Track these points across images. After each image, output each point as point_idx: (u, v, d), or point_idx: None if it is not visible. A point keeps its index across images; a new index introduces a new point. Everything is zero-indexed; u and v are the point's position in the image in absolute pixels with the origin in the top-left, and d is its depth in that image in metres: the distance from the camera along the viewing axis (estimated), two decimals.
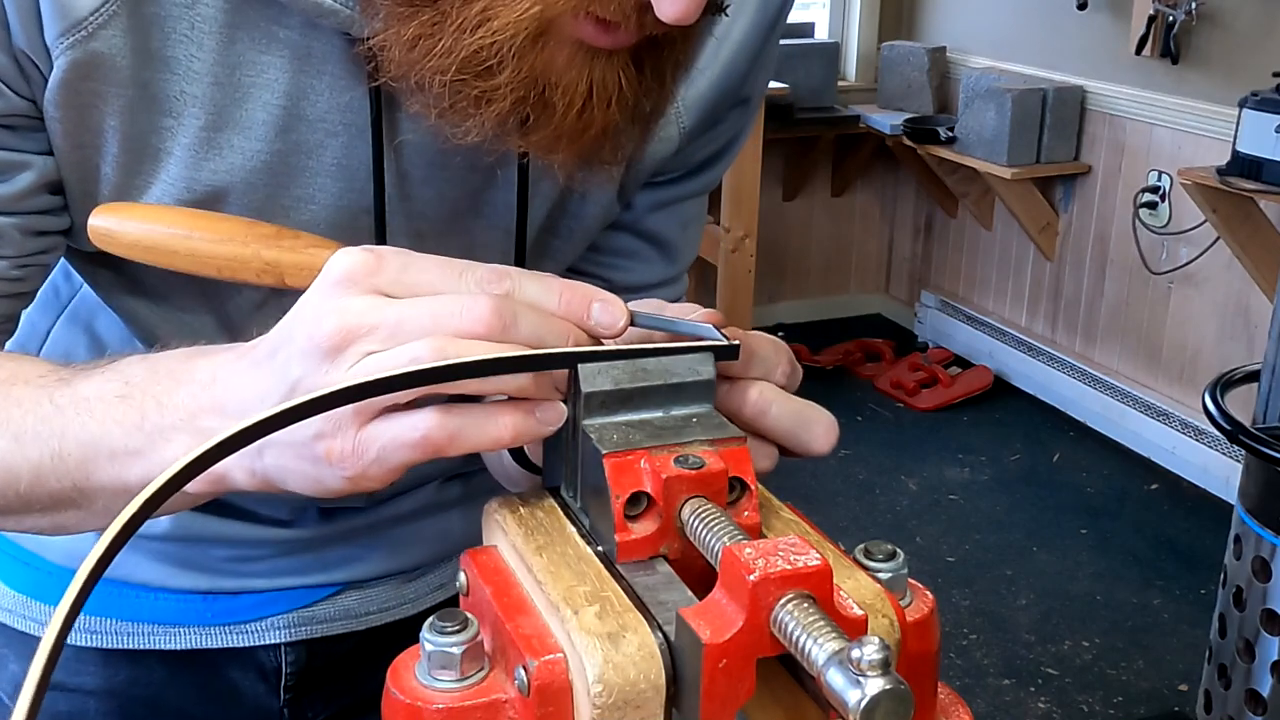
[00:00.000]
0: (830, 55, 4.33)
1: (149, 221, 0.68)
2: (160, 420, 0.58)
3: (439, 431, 0.51)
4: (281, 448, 0.53)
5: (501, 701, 0.44)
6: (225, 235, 0.67)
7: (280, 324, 0.54)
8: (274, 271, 0.66)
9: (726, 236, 3.45)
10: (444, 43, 0.59)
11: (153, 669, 0.91)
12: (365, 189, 0.71)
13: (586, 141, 0.63)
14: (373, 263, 0.52)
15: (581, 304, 0.53)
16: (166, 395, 0.58)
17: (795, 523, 0.52)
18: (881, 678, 0.35)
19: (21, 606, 0.91)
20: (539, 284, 0.53)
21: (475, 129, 0.62)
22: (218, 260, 0.67)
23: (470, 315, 0.50)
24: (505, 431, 0.51)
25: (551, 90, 0.60)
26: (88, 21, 0.63)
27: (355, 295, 0.51)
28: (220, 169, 0.68)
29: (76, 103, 0.66)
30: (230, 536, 0.88)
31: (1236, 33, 3.33)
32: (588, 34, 0.59)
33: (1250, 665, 0.82)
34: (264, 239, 0.67)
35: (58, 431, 0.61)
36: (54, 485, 0.62)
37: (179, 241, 0.67)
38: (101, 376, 0.61)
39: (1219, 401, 0.86)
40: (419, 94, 0.62)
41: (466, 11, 0.58)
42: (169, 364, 0.59)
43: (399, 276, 0.52)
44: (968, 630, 2.88)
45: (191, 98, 0.67)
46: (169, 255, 0.67)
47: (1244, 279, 3.34)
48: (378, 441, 0.51)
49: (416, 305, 0.51)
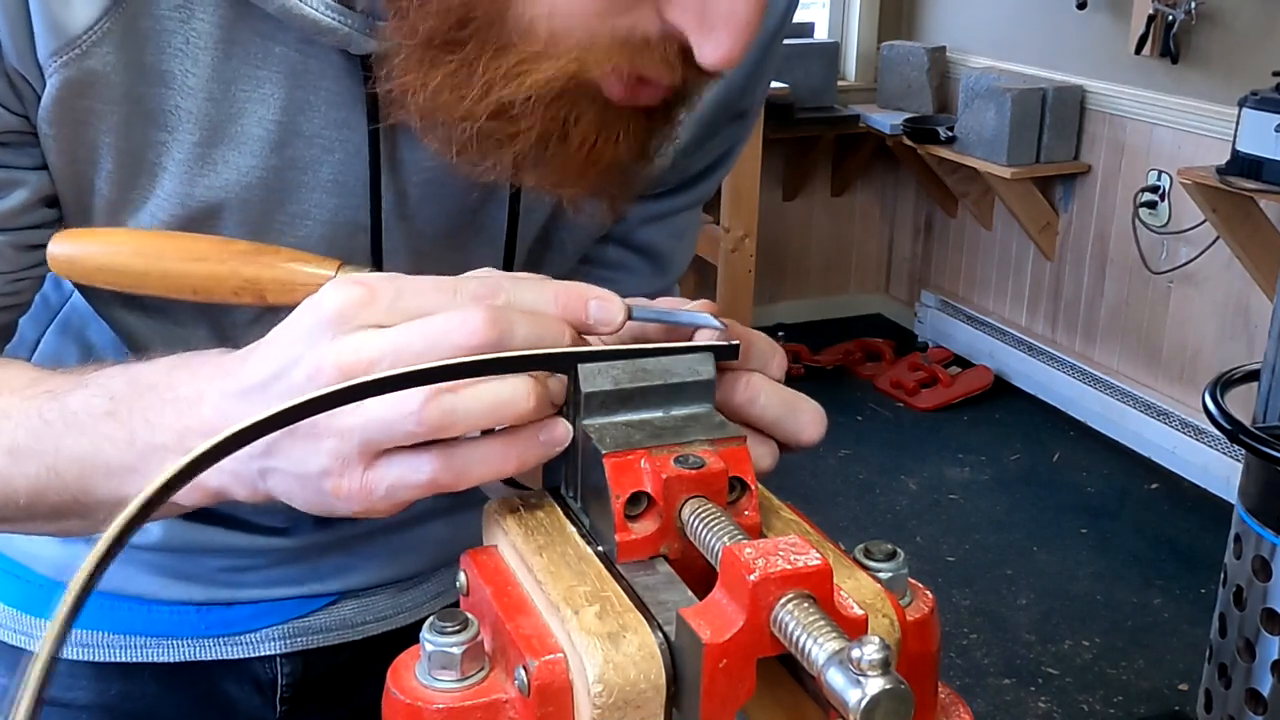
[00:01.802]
0: (830, 55, 4.33)
1: (115, 243, 0.66)
2: (150, 439, 0.57)
3: (445, 473, 0.51)
4: (288, 478, 0.53)
5: (502, 701, 0.44)
6: (199, 255, 0.65)
7: (270, 348, 0.53)
8: (253, 289, 0.65)
9: (726, 236, 3.45)
10: (472, 93, 0.58)
11: (146, 682, 0.90)
12: (362, 206, 0.70)
13: (599, 175, 0.63)
14: (365, 295, 0.51)
15: (578, 304, 0.53)
16: (154, 413, 0.57)
17: (795, 522, 0.52)
18: (882, 677, 0.35)
19: (12, 620, 0.90)
20: (534, 289, 0.53)
21: (494, 166, 0.62)
22: (193, 280, 0.65)
23: (465, 330, 0.50)
24: (510, 463, 0.51)
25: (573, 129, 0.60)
26: (81, 39, 0.62)
27: (349, 333, 0.51)
28: (215, 184, 0.68)
29: (70, 119, 0.65)
30: (224, 546, 0.87)
31: (1236, 32, 3.33)
32: (615, 93, 0.59)
33: (1250, 664, 0.82)
34: (241, 256, 0.65)
35: (51, 448, 0.60)
36: (54, 499, 0.62)
37: (150, 264, 0.65)
38: (86, 391, 0.60)
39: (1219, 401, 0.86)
40: (438, 131, 0.62)
41: (496, 65, 0.57)
42: (149, 376, 0.59)
43: (393, 305, 0.51)
44: (968, 630, 2.88)
45: (186, 113, 0.66)
46: (138, 279, 0.65)
47: (1244, 278, 3.34)
48: (385, 482, 0.51)
49: (411, 329, 0.50)
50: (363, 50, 0.65)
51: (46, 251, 0.67)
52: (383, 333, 0.51)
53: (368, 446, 0.50)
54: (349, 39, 0.64)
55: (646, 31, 0.57)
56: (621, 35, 0.57)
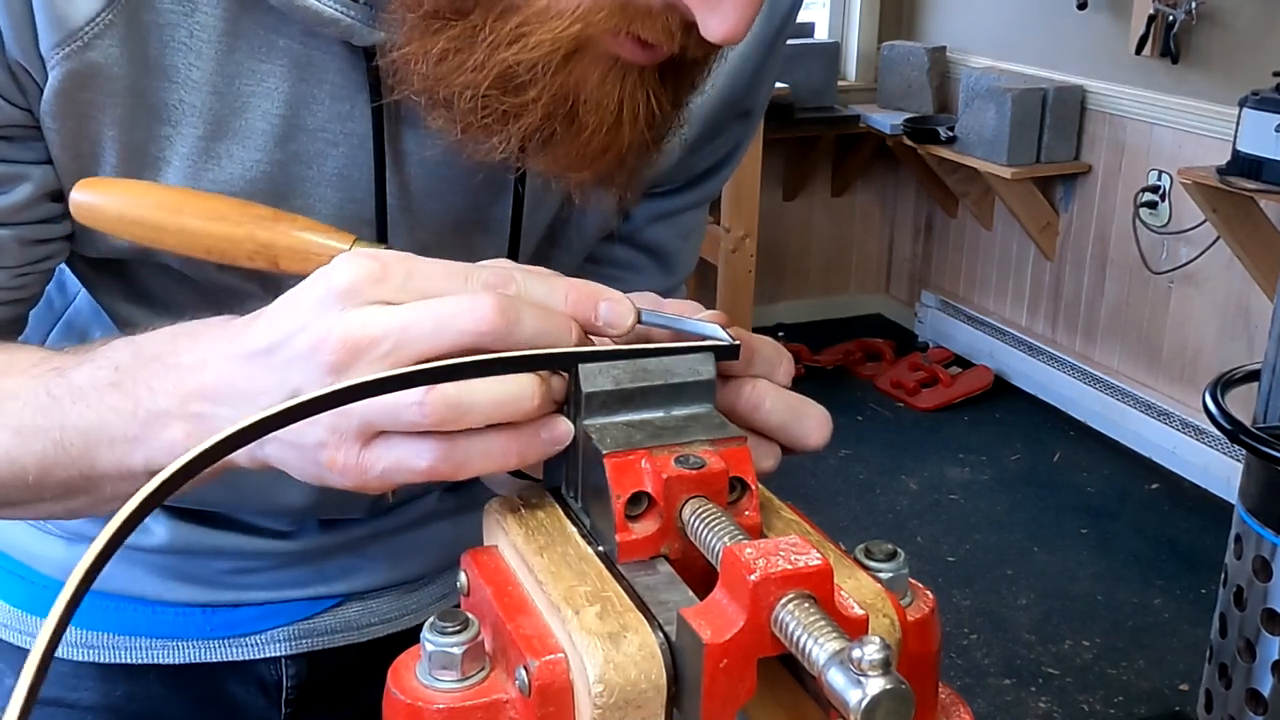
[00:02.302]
0: (830, 55, 4.33)
1: (137, 195, 0.65)
2: (152, 405, 0.57)
3: (445, 464, 0.50)
4: (285, 446, 0.53)
5: (502, 702, 0.44)
6: (218, 214, 0.64)
7: (275, 314, 0.53)
8: (267, 254, 0.64)
9: (727, 236, 3.45)
10: (475, 57, 0.58)
11: (151, 684, 0.90)
12: (366, 200, 0.70)
13: (608, 161, 0.62)
14: (378, 271, 0.51)
15: (589, 303, 0.53)
16: (156, 380, 0.57)
17: (796, 522, 0.52)
18: (882, 678, 0.35)
19: (16, 621, 0.90)
20: (545, 283, 0.53)
21: (500, 145, 0.61)
22: (209, 239, 0.64)
23: (474, 315, 0.49)
24: (510, 458, 0.51)
25: (581, 106, 0.60)
26: (83, 31, 0.62)
27: (358, 307, 0.50)
28: (219, 178, 0.68)
29: (73, 112, 0.65)
30: (230, 548, 0.87)
31: (1236, 32, 3.33)
32: (626, 50, 0.58)
33: (1251, 665, 0.82)
34: (259, 220, 0.64)
35: (57, 423, 0.60)
36: (62, 475, 0.61)
37: (168, 217, 0.64)
38: (92, 364, 0.60)
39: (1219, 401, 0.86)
40: (442, 109, 0.61)
41: (500, 26, 0.57)
42: (154, 346, 0.59)
43: (404, 284, 0.51)
44: (968, 630, 2.88)
45: (190, 106, 0.66)
46: (156, 231, 0.65)
47: (1244, 278, 3.34)
48: (381, 462, 0.51)
49: (419, 309, 0.50)
50: (366, 42, 0.64)
51: (70, 199, 0.66)
52: (391, 309, 0.50)
53: (366, 427, 0.50)
54: (352, 30, 0.64)
55: (648, 0, 0.57)
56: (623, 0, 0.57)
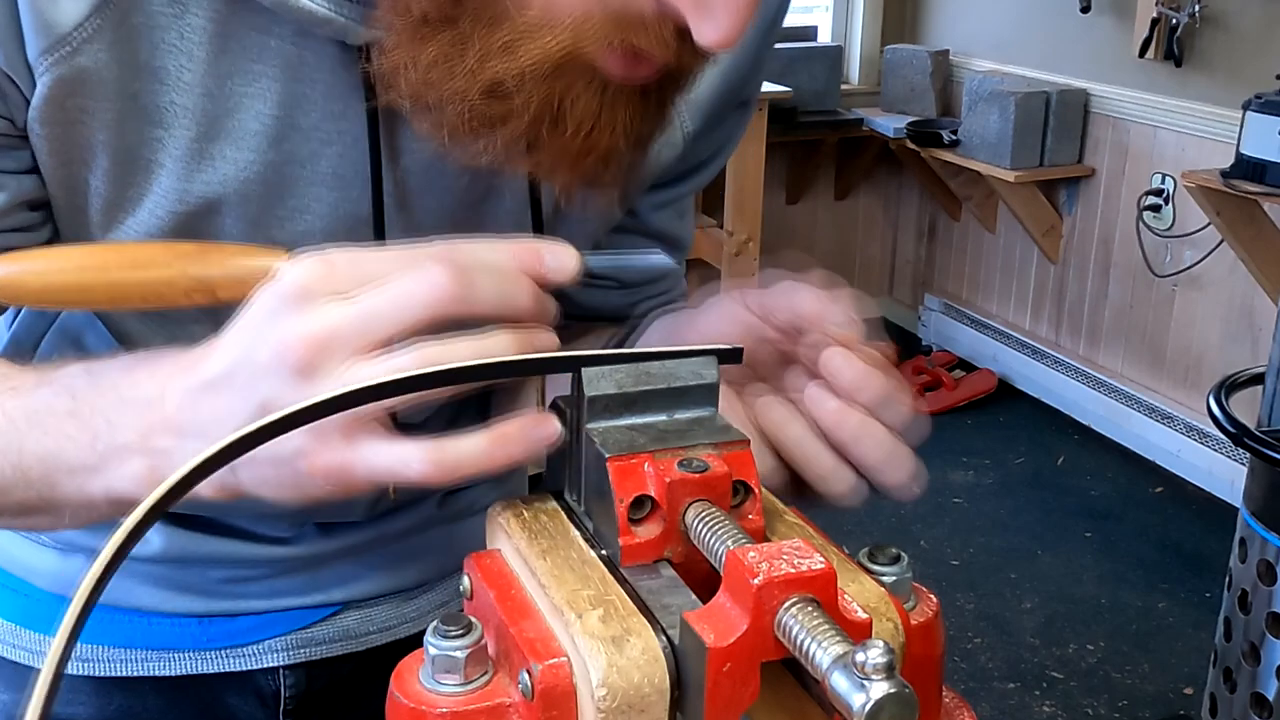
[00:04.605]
0: (833, 59, 4.33)
1: (57, 261, 0.63)
2: (111, 439, 0.57)
3: (435, 470, 0.50)
4: (260, 465, 0.52)
5: (505, 705, 0.43)
6: (144, 261, 0.63)
7: (228, 339, 0.53)
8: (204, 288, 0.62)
9: (730, 240, 3.45)
10: (465, 66, 0.58)
11: (147, 696, 0.89)
12: (362, 199, 0.70)
13: (589, 164, 0.62)
14: (324, 270, 0.52)
15: (533, 256, 0.54)
16: (114, 412, 0.57)
17: (799, 526, 0.52)
18: (886, 681, 0.35)
19: (11, 635, 0.89)
20: (489, 247, 0.55)
21: (486, 150, 0.61)
22: (142, 288, 0.63)
23: (431, 287, 0.50)
24: (500, 458, 0.51)
25: (566, 112, 0.60)
26: (71, 37, 0.62)
27: (314, 306, 0.51)
28: (213, 180, 0.67)
29: (63, 119, 0.64)
30: (226, 556, 0.86)
31: (1240, 35, 3.33)
32: (612, 67, 0.58)
33: (1255, 669, 0.82)
34: (187, 257, 0.63)
35: (15, 445, 0.60)
36: (20, 496, 0.61)
37: (95, 277, 0.62)
38: (49, 390, 0.60)
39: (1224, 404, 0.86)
40: (430, 114, 0.61)
41: (489, 37, 0.57)
42: (111, 375, 0.58)
43: (353, 275, 0.52)
44: (972, 634, 2.87)
45: (181, 108, 0.65)
46: (86, 294, 0.63)
47: (1248, 282, 3.34)
48: (367, 464, 0.51)
49: (376, 294, 0.51)
50: (358, 41, 0.64)
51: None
52: (348, 301, 0.51)
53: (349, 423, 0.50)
54: (345, 29, 0.64)
55: (642, 9, 0.57)
56: (616, 10, 0.56)
